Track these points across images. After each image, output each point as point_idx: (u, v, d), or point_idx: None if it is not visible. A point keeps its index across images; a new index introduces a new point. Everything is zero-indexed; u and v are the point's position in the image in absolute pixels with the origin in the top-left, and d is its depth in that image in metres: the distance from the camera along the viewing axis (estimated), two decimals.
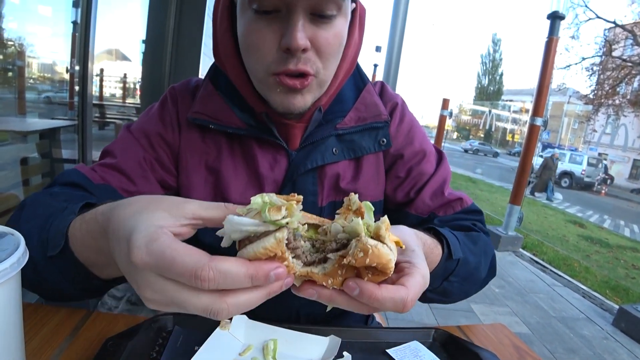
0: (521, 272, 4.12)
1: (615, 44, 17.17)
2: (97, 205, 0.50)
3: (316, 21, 0.57)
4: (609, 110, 19.34)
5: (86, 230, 0.46)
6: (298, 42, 0.55)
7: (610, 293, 4.05)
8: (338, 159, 0.72)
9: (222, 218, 0.37)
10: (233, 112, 0.68)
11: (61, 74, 2.78)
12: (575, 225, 8.18)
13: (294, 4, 0.54)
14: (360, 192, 0.74)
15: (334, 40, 0.60)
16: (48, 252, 0.48)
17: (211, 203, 0.40)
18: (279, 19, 0.56)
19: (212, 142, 0.71)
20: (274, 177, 0.71)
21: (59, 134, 2.52)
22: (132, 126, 0.72)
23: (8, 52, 2.31)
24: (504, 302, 3.28)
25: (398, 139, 0.78)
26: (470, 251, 0.66)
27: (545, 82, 4.36)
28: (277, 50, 0.57)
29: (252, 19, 0.57)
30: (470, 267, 0.66)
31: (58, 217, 0.49)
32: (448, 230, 0.65)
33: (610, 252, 6.42)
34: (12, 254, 0.35)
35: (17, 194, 2.05)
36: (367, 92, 0.76)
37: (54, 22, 2.56)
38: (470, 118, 45.90)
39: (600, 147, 28.05)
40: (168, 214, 0.37)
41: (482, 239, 0.72)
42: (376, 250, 0.33)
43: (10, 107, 2.41)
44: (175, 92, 0.75)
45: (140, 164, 0.68)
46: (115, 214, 0.40)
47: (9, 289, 0.35)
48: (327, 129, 0.71)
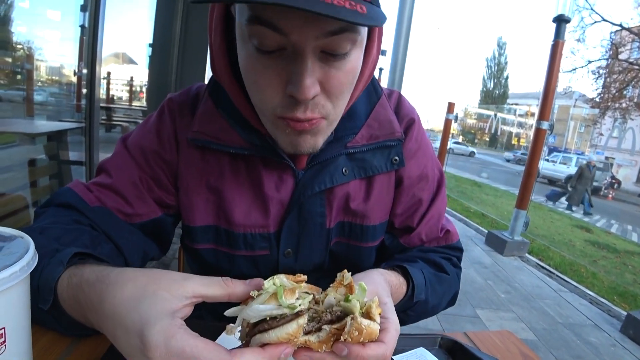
0: (527, 278, 4.09)
1: (622, 47, 17.03)
2: (85, 256, 0.50)
3: (327, 59, 0.48)
4: (616, 113, 19.18)
5: (73, 297, 0.44)
6: (306, 93, 0.47)
7: (618, 299, 4.00)
8: (348, 179, 0.67)
9: (223, 295, 0.39)
10: (235, 132, 0.63)
11: (69, 77, 2.81)
12: (582, 230, 8.10)
13: (301, 44, 0.45)
14: (368, 214, 0.71)
15: (347, 79, 0.52)
16: (38, 303, 0.45)
17: (211, 280, 0.40)
18: (284, 57, 0.47)
19: (213, 160, 0.66)
20: (279, 197, 0.67)
21: (66, 136, 2.55)
22: (129, 140, 0.68)
23: (17, 55, 2.34)
24: (510, 308, 3.26)
25: (411, 161, 0.73)
26: (434, 292, 0.69)
27: (551, 86, 4.34)
28: (283, 94, 0.49)
29: (253, 55, 0.49)
30: (428, 307, 0.70)
31: (48, 265, 0.47)
32: (419, 270, 0.66)
33: (617, 257, 6.35)
34: (22, 257, 0.35)
35: (25, 196, 2.07)
36: (380, 107, 0.70)
37: (62, 26, 2.59)
38: (476, 122, 45.76)
39: (607, 150, 27.80)
40: (170, 295, 0.37)
41: (450, 279, 0.74)
42: (369, 329, 0.38)
43: (19, 109, 2.44)
44: (173, 105, 0.69)
45: (136, 184, 0.65)
46: (110, 295, 0.39)
47: (19, 291, 0.36)
48: (336, 147, 0.66)
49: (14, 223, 1.79)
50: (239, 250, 0.69)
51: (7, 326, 0.34)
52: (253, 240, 0.68)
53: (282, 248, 0.69)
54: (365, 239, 0.72)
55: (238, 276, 0.71)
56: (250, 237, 0.68)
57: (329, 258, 0.73)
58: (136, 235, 0.65)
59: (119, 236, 0.62)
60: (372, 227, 0.72)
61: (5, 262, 0.34)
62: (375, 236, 0.73)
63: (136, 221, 0.65)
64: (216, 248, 0.70)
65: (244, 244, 0.68)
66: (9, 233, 0.40)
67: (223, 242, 0.69)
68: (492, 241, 4.97)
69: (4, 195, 1.98)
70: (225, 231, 0.68)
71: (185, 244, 0.72)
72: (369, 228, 0.71)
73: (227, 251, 0.69)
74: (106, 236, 0.61)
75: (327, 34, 0.45)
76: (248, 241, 0.68)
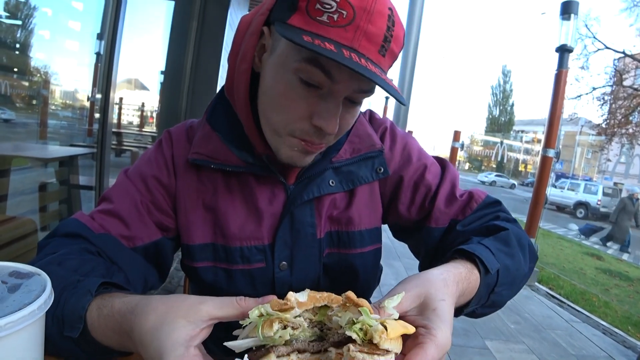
0: (537, 308, 3.99)
1: (626, 74, 17.20)
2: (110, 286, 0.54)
3: (346, 105, 0.59)
4: (623, 139, 19.16)
5: (105, 325, 0.48)
6: (333, 129, 0.57)
7: (632, 329, 3.88)
8: (336, 190, 0.73)
9: (237, 314, 0.42)
10: (230, 151, 0.69)
11: (82, 102, 2.89)
12: (593, 258, 7.94)
13: (340, 91, 0.56)
14: (352, 219, 0.74)
15: (353, 120, 0.63)
16: (65, 332, 0.48)
17: (224, 300, 0.43)
18: (319, 96, 0.57)
19: (208, 180, 0.72)
20: (272, 210, 0.71)
21: (77, 160, 2.59)
22: (129, 170, 0.73)
23: (34, 80, 2.41)
24: (520, 339, 3.17)
25: (395, 160, 0.78)
26: (506, 255, 0.64)
27: (556, 114, 4.37)
28: (308, 122, 0.58)
29: (292, 83, 0.57)
30: (511, 272, 0.63)
31: (73, 295, 0.50)
32: (477, 244, 0.62)
33: (630, 285, 6.19)
34: (40, 295, 0.36)
35: (34, 220, 2.09)
36: (359, 124, 0.77)
37: (79, 53, 2.68)
38: (482, 149, 45.85)
39: (615, 176, 27.59)
40: (187, 322, 0.41)
41: (512, 233, 0.68)
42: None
43: (33, 133, 2.50)
44: (170, 135, 0.76)
45: (137, 208, 0.68)
46: (137, 326, 0.43)
47: (36, 328, 0.36)
48: (323, 163, 0.72)
49: (22, 247, 1.81)
50: (236, 264, 0.71)
51: None
52: (249, 253, 0.71)
53: (277, 260, 0.72)
54: (352, 245, 0.75)
55: (236, 294, 0.72)
56: (246, 251, 0.71)
57: (323, 272, 0.76)
58: (138, 261, 0.68)
59: (124, 263, 0.65)
60: (359, 232, 0.75)
61: (24, 300, 0.35)
62: (364, 242, 0.76)
63: (138, 244, 0.68)
64: (214, 265, 0.72)
65: (241, 258, 0.71)
66: (27, 270, 0.41)
67: (221, 258, 0.72)
68: None
69: (14, 218, 2.00)
70: (222, 247, 0.71)
71: (185, 264, 0.75)
72: (354, 234, 0.75)
73: (225, 267, 0.72)
74: (112, 263, 0.64)
75: (361, 91, 0.57)
76: (245, 254, 0.71)
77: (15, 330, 0.33)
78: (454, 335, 0.60)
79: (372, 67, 0.51)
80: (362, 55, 0.51)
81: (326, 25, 0.51)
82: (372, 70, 0.50)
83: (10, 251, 1.73)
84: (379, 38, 0.52)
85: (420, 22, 3.07)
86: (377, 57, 0.53)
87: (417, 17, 3.02)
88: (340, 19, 0.50)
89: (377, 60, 0.54)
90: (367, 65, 0.50)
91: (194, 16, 3.05)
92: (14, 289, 0.37)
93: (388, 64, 0.57)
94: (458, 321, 0.79)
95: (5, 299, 0.35)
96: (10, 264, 0.41)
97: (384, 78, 0.52)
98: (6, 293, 0.36)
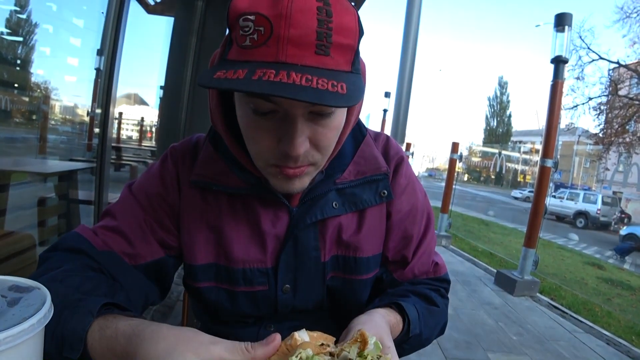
0: (540, 318, 3.95)
1: (621, 83, 17.37)
2: (112, 306, 0.53)
3: (315, 119, 0.55)
4: (620, 148, 19.25)
5: (106, 347, 0.47)
6: (297, 151, 0.54)
7: (636, 339, 3.84)
8: (339, 213, 0.71)
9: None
10: (233, 173, 0.68)
11: (82, 117, 2.90)
12: (594, 267, 7.90)
13: (292, 111, 0.53)
14: (361, 246, 0.73)
15: (332, 134, 0.59)
16: (64, 352, 0.48)
17: (234, 345, 0.44)
18: (277, 119, 0.55)
19: (213, 200, 0.71)
20: (275, 232, 0.70)
21: (77, 175, 2.59)
22: (133, 186, 0.73)
23: (34, 96, 2.43)
24: (523, 351, 3.13)
25: (400, 194, 0.77)
26: (426, 325, 0.72)
27: (553, 124, 4.40)
28: (276, 149, 0.56)
29: (249, 115, 0.56)
30: (422, 339, 0.72)
31: (74, 315, 0.49)
32: (412, 305, 0.69)
33: (632, 294, 6.14)
34: (39, 309, 0.36)
35: (33, 234, 2.08)
36: (365, 145, 0.75)
37: (79, 68, 2.71)
38: (481, 160, 46.00)
39: (613, 185, 27.62)
40: (196, 357, 0.41)
41: (440, 312, 0.77)
42: None
43: (33, 148, 2.50)
44: (175, 152, 0.75)
45: (141, 226, 0.68)
46: (143, 349, 0.43)
47: (35, 343, 0.36)
48: (326, 184, 0.71)
49: (21, 262, 1.80)
50: (239, 286, 0.71)
51: None
52: (252, 275, 0.70)
53: (280, 283, 0.71)
54: (359, 271, 0.74)
55: (238, 314, 0.73)
56: (249, 273, 0.70)
57: (327, 294, 0.75)
58: (140, 279, 0.68)
59: (125, 281, 0.65)
60: (366, 259, 0.74)
61: (24, 314, 0.35)
62: (369, 269, 0.75)
63: (140, 262, 0.68)
64: (217, 285, 0.72)
65: (243, 280, 0.70)
66: (26, 284, 0.41)
67: (223, 279, 0.71)
68: (501, 281, 4.85)
69: (13, 233, 1.99)
70: (225, 268, 0.70)
71: (188, 284, 0.74)
72: (362, 260, 0.73)
73: (227, 288, 0.71)
74: (113, 280, 0.63)
75: (314, 105, 0.52)
76: (247, 277, 0.70)
77: (14, 344, 0.33)
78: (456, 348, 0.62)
79: (304, 76, 0.46)
80: (291, 67, 0.47)
81: (250, 48, 0.48)
82: (293, 83, 0.45)
83: (8, 266, 1.73)
84: (309, 38, 0.47)
85: (417, 37, 3.11)
86: (316, 59, 0.48)
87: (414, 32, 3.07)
88: (260, 37, 0.47)
89: (319, 62, 0.48)
90: (295, 78, 0.45)
91: (193, 32, 3.09)
92: (13, 302, 0.37)
93: (342, 60, 0.51)
94: (461, 334, 0.84)
95: (5, 313, 0.35)
96: (10, 278, 0.42)
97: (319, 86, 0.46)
98: (6, 307, 0.36)
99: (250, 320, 0.75)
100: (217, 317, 0.76)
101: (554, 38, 4.37)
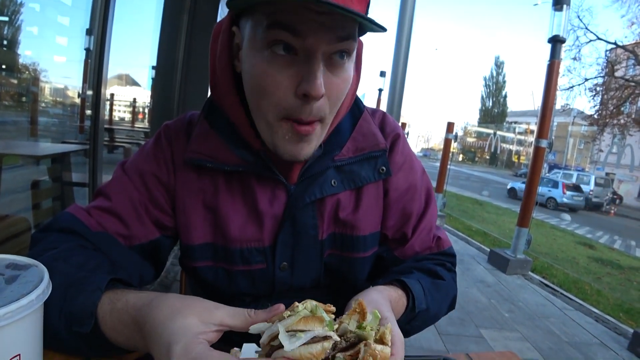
0: (531, 296, 4.04)
1: (617, 65, 17.29)
2: (120, 283, 0.54)
3: (330, 67, 0.56)
4: (615, 129, 19.33)
5: (118, 320, 0.49)
6: (318, 90, 0.53)
7: (624, 316, 3.95)
8: (337, 191, 0.71)
9: (245, 326, 0.44)
10: (230, 150, 0.67)
11: (73, 99, 2.85)
12: (585, 247, 8.04)
13: (315, 47, 0.52)
14: (358, 224, 0.73)
15: (344, 86, 0.59)
16: (74, 327, 0.49)
17: (237, 311, 0.45)
18: (296, 63, 0.54)
19: (208, 179, 0.69)
20: (273, 212, 0.69)
21: (70, 157, 2.56)
22: (127, 165, 0.71)
23: (23, 77, 2.38)
24: (514, 327, 3.21)
25: (397, 174, 0.77)
26: (433, 300, 0.70)
27: (548, 105, 4.39)
28: (293, 95, 0.55)
29: (266, 59, 0.54)
30: (430, 314, 0.71)
31: (82, 291, 0.50)
32: (416, 280, 0.68)
33: (622, 273, 6.28)
34: (37, 285, 0.36)
35: (27, 218, 2.07)
36: (364, 121, 0.75)
37: (68, 49, 2.65)
38: (476, 140, 46.03)
39: (607, 166, 27.85)
40: (199, 321, 0.43)
41: (447, 285, 0.75)
42: (382, 354, 0.40)
43: (24, 131, 2.47)
44: (169, 130, 0.73)
45: (135, 206, 0.67)
46: (150, 317, 0.44)
47: (34, 319, 0.37)
48: (325, 161, 0.70)
49: (16, 245, 1.79)
50: (237, 265, 0.70)
51: (22, 352, 0.35)
52: (249, 254, 0.70)
53: (277, 262, 0.71)
54: (356, 249, 0.74)
55: (236, 293, 0.73)
56: (246, 252, 0.70)
57: (324, 272, 0.75)
58: (134, 259, 0.67)
59: (121, 262, 0.65)
60: (362, 237, 0.74)
61: (21, 291, 0.35)
62: (367, 247, 0.75)
63: (135, 243, 0.67)
64: (214, 265, 0.71)
65: (241, 259, 0.70)
66: (24, 262, 0.41)
67: (221, 259, 0.71)
68: (494, 260, 4.93)
69: (7, 217, 1.98)
70: (222, 248, 0.70)
71: (184, 264, 0.74)
72: (359, 238, 0.73)
73: (225, 267, 0.71)
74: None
75: (337, 40, 0.53)
76: (244, 256, 0.70)
77: (13, 320, 0.33)
78: (449, 324, 0.62)
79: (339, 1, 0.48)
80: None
81: None
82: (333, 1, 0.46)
83: (4, 249, 1.72)
84: None
85: (412, 16, 3.06)
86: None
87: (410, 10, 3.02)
88: None
89: (343, 2, 0.49)
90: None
91: (184, 10, 3.01)
92: (11, 280, 0.37)
93: (359, 6, 0.53)
94: (454, 311, 0.83)
95: (3, 290, 0.35)
96: (7, 256, 0.42)
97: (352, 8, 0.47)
98: (3, 284, 0.36)
99: (247, 299, 0.75)
100: (215, 296, 0.76)
101: (551, 17, 4.33)
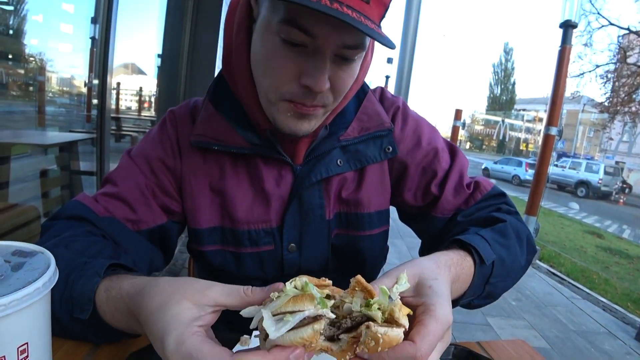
0: (538, 285, 4.03)
1: (630, 51, 16.90)
2: (118, 267, 0.53)
3: (338, 62, 0.56)
4: (626, 117, 18.98)
5: (114, 307, 0.48)
6: (321, 86, 0.55)
7: (632, 306, 3.93)
8: (343, 170, 0.71)
9: (241, 304, 0.41)
10: (236, 132, 0.67)
11: (79, 88, 2.85)
12: (593, 236, 7.99)
13: (325, 47, 0.53)
14: (361, 201, 0.73)
15: (350, 80, 0.60)
16: (74, 313, 0.49)
17: (232, 289, 0.42)
18: (305, 54, 0.55)
19: (214, 162, 0.70)
20: (280, 192, 0.70)
21: (77, 146, 2.58)
22: (133, 151, 0.71)
23: (30, 67, 2.38)
24: (522, 316, 3.21)
25: (405, 142, 0.76)
26: (502, 247, 0.63)
27: (559, 91, 4.32)
28: (296, 83, 0.56)
29: (276, 44, 0.55)
30: (506, 263, 0.63)
31: (81, 277, 0.50)
32: (474, 234, 0.62)
33: (630, 263, 6.24)
34: (44, 273, 0.36)
35: (37, 206, 2.10)
36: (368, 101, 0.75)
37: (73, 38, 2.64)
38: (484, 128, 45.56)
39: (617, 155, 27.49)
40: (192, 304, 0.40)
41: (511, 225, 0.68)
42: (386, 337, 0.35)
43: (31, 120, 2.48)
44: (174, 115, 0.74)
45: (142, 191, 0.67)
46: (143, 306, 0.43)
47: (41, 306, 0.36)
48: (330, 141, 0.70)
49: (26, 234, 1.82)
50: (245, 247, 0.71)
51: (30, 341, 0.35)
52: (257, 236, 0.70)
53: (285, 242, 0.71)
54: (362, 227, 0.74)
55: (244, 277, 0.73)
56: (254, 234, 0.70)
57: (332, 253, 0.75)
58: (143, 244, 0.68)
59: (130, 246, 0.65)
60: (367, 214, 0.74)
61: (28, 278, 0.35)
62: (372, 224, 0.75)
63: (143, 228, 0.67)
64: (223, 248, 0.72)
65: (249, 241, 0.71)
66: (30, 249, 0.41)
67: (229, 241, 0.71)
68: None
69: (17, 206, 2.00)
70: (230, 230, 0.71)
71: (192, 248, 0.74)
72: (363, 216, 0.74)
73: (233, 250, 0.72)
74: (118, 246, 0.63)
75: (347, 47, 0.54)
76: (252, 237, 0.70)
77: (20, 307, 0.33)
78: (456, 312, 0.61)
79: (354, 12, 0.48)
80: (342, 4, 0.47)
81: None
82: (350, 15, 0.46)
83: (13, 238, 1.73)
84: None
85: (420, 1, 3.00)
86: (360, 5, 0.50)
87: None
88: None
89: (361, 8, 0.50)
90: (347, 10, 0.47)
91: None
92: (17, 267, 0.37)
93: (376, 12, 0.53)
94: None
95: (9, 277, 0.35)
96: (13, 243, 0.41)
97: (366, 23, 0.48)
98: (10, 272, 0.36)
99: (256, 284, 0.75)
100: (223, 281, 0.76)
101: (564, 1, 4.22)
